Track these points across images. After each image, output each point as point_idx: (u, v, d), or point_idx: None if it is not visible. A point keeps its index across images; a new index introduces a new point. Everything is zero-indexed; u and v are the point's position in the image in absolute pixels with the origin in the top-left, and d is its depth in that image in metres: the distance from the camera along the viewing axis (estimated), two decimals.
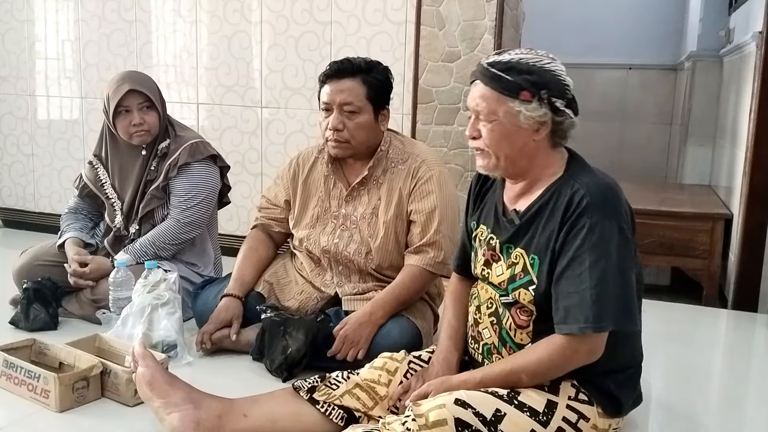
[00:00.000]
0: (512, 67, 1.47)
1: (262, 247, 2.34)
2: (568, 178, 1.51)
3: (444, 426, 1.37)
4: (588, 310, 1.40)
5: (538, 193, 1.54)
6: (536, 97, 1.45)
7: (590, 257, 1.42)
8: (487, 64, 1.50)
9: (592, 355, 1.45)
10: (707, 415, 1.95)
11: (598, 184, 1.48)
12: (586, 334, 1.42)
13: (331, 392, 1.64)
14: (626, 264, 1.45)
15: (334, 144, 2.12)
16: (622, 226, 1.44)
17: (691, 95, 4.35)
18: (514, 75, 1.46)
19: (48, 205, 3.90)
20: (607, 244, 1.42)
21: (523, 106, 1.46)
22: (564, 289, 1.45)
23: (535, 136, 1.50)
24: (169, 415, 1.57)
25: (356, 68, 2.09)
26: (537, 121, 1.47)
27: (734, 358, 2.52)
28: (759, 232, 2.87)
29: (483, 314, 1.63)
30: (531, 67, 1.47)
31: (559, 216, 1.47)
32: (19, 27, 3.80)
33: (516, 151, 1.51)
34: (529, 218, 1.53)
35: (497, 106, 1.48)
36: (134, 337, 2.04)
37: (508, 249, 1.57)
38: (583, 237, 1.43)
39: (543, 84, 1.45)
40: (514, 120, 1.47)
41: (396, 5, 3.03)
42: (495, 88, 1.47)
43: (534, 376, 1.48)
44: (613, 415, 1.53)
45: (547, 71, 1.47)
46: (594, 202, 1.43)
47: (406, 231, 2.15)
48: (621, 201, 1.48)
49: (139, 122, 2.41)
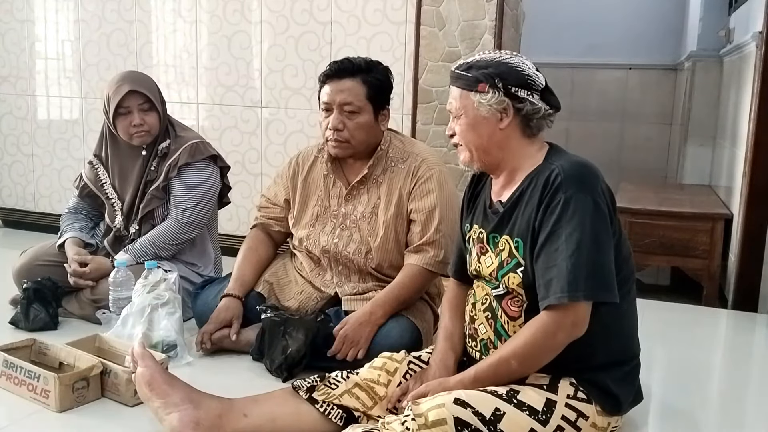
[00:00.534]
0: (472, 65, 1.60)
1: (262, 247, 2.34)
2: (546, 164, 1.56)
3: (443, 425, 1.37)
4: (564, 280, 1.43)
5: (520, 182, 1.59)
6: (492, 86, 1.55)
7: (565, 231, 1.45)
8: (455, 68, 1.64)
9: (576, 328, 1.45)
10: (707, 415, 1.95)
11: (572, 162, 1.53)
12: (565, 305, 1.43)
13: (331, 392, 1.64)
14: (602, 237, 1.47)
15: (334, 144, 2.12)
16: (597, 200, 1.47)
17: (691, 95, 4.35)
18: (473, 71, 1.58)
19: (48, 205, 3.90)
20: (582, 217, 1.45)
21: (479, 96, 1.56)
22: (542, 264, 1.48)
23: (500, 125, 1.57)
24: (169, 415, 1.57)
25: (356, 68, 2.09)
26: (496, 108, 1.56)
27: (734, 358, 2.52)
28: (759, 232, 2.87)
29: (478, 311, 1.64)
30: (488, 62, 1.58)
31: (537, 196, 1.52)
32: (19, 27, 3.80)
33: (485, 141, 1.60)
34: (512, 205, 1.58)
35: (462, 102, 1.60)
36: (134, 337, 2.05)
37: (494, 238, 1.61)
38: (559, 212, 1.47)
39: (497, 74, 1.55)
40: (476, 111, 1.58)
41: (396, 5, 3.03)
42: (459, 86, 1.61)
43: (523, 359, 1.48)
44: (612, 413, 1.54)
45: (503, 63, 1.57)
46: (568, 178, 1.48)
47: (406, 230, 2.15)
48: (596, 177, 1.52)
49: (140, 123, 2.41)
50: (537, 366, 1.51)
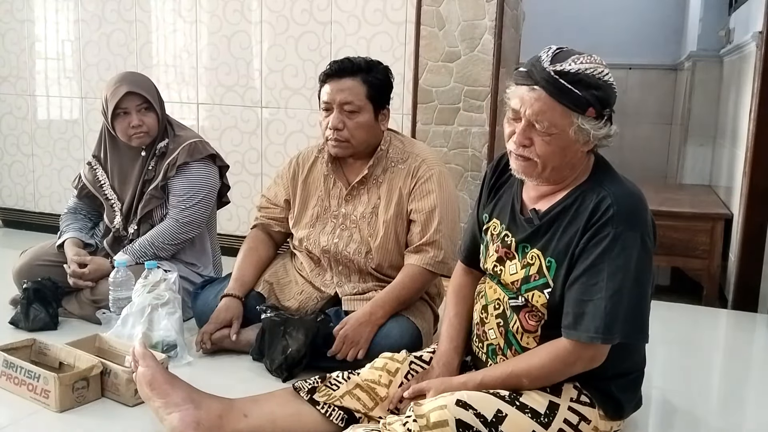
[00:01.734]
0: (581, 79, 1.39)
1: (262, 246, 2.34)
2: (594, 184, 1.49)
3: (445, 427, 1.37)
4: (600, 320, 1.39)
5: (562, 196, 1.51)
6: (598, 114, 1.41)
7: (609, 268, 1.40)
8: (555, 72, 1.39)
9: (593, 363, 1.45)
10: (707, 415, 1.95)
11: (626, 194, 1.46)
12: (592, 343, 1.41)
13: (332, 393, 1.64)
14: (644, 278, 1.43)
15: (334, 143, 2.12)
16: (645, 239, 1.42)
17: (691, 95, 4.35)
18: (583, 89, 1.39)
19: (48, 205, 3.90)
20: (628, 257, 1.40)
21: (588, 123, 1.41)
22: (577, 295, 1.43)
23: (584, 148, 1.46)
24: (170, 415, 1.57)
25: (356, 68, 2.09)
26: (594, 135, 1.42)
27: (734, 358, 2.52)
28: (759, 232, 2.87)
29: (490, 315, 1.61)
30: (596, 80, 1.40)
31: (582, 221, 1.44)
32: (19, 27, 3.80)
33: (566, 162, 1.48)
34: (550, 220, 1.51)
35: (560, 120, 1.41)
36: (134, 337, 2.04)
37: (524, 248, 1.55)
38: (606, 246, 1.40)
39: (607, 100, 1.42)
40: (575, 136, 1.42)
41: (396, 5, 3.03)
42: (562, 102, 1.39)
43: (535, 380, 1.47)
44: (614, 417, 1.53)
45: (610, 86, 1.43)
46: (620, 212, 1.41)
47: (406, 230, 2.15)
48: (647, 212, 1.46)
49: (138, 124, 2.40)
50: (546, 385, 1.49)
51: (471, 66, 2.94)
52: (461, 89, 2.97)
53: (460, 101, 2.98)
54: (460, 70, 2.96)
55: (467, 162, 3.01)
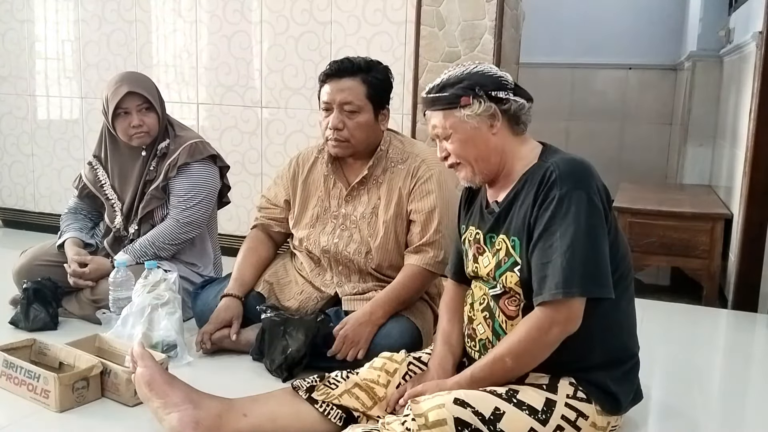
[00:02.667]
0: (444, 85, 1.59)
1: (262, 247, 2.34)
2: (540, 162, 1.57)
3: (443, 426, 1.37)
4: (558, 276, 1.43)
5: (515, 182, 1.59)
6: (474, 97, 1.55)
7: (561, 228, 1.46)
8: (425, 94, 1.63)
9: (569, 324, 1.46)
10: (707, 415, 1.95)
11: (567, 159, 1.53)
12: (558, 301, 1.44)
13: (330, 392, 1.64)
14: (597, 233, 1.47)
15: (334, 143, 2.12)
16: (591, 196, 1.47)
17: (691, 95, 4.35)
18: (449, 89, 1.57)
19: (48, 205, 3.90)
20: (576, 213, 1.45)
21: (465, 110, 1.55)
22: (537, 261, 1.48)
23: (492, 131, 1.57)
24: (169, 415, 1.57)
25: (356, 67, 2.09)
26: (485, 116, 1.56)
27: (734, 358, 2.52)
28: (759, 232, 2.87)
29: (476, 311, 1.65)
30: (459, 77, 1.58)
31: (532, 193, 1.52)
32: (19, 27, 3.80)
33: (482, 151, 1.59)
34: (507, 204, 1.59)
35: (448, 122, 1.58)
36: (134, 337, 2.05)
37: (491, 239, 1.62)
38: (554, 208, 1.47)
39: (474, 84, 1.55)
40: (466, 125, 1.57)
41: (396, 5, 3.03)
42: (438, 109, 1.59)
43: (518, 357, 1.49)
44: (611, 412, 1.54)
45: (475, 73, 1.58)
46: (563, 174, 1.48)
47: (405, 230, 2.15)
48: (591, 173, 1.51)
49: (138, 124, 2.41)
50: (532, 363, 1.51)
51: None
52: None
53: None
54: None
55: None
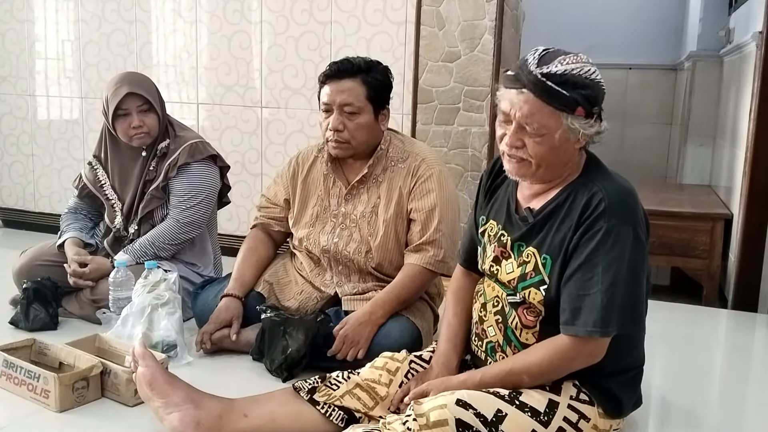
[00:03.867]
0: (567, 80, 1.40)
1: (262, 246, 2.34)
2: (586, 180, 1.50)
3: (445, 426, 1.37)
4: (597, 314, 1.40)
5: (554, 193, 1.53)
6: (588, 112, 1.42)
7: (603, 262, 1.41)
8: (541, 75, 1.40)
9: (593, 358, 1.45)
10: (707, 415, 1.95)
11: (617, 188, 1.47)
12: (591, 337, 1.42)
13: (332, 392, 1.64)
14: (638, 270, 1.44)
15: (334, 144, 2.12)
16: (638, 232, 1.44)
17: (691, 95, 4.35)
18: (570, 90, 1.40)
19: (48, 205, 3.90)
20: (621, 250, 1.41)
21: (577, 122, 1.42)
22: (573, 291, 1.44)
23: (576, 145, 1.48)
24: (170, 415, 1.57)
25: (356, 68, 2.09)
26: (584, 134, 1.44)
27: (734, 358, 2.52)
28: (759, 232, 2.87)
29: (488, 312, 1.62)
30: (585, 80, 1.42)
31: (575, 217, 1.46)
32: (19, 27, 3.80)
33: (560, 160, 1.49)
34: (544, 217, 1.52)
35: (550, 121, 1.42)
36: (134, 337, 2.04)
37: (519, 247, 1.56)
38: (599, 240, 1.42)
39: (596, 99, 1.43)
40: (565, 135, 1.44)
41: (396, 5, 3.03)
42: (550, 103, 1.41)
43: (535, 377, 1.48)
44: (613, 415, 1.54)
45: (598, 84, 1.44)
46: (612, 206, 1.43)
47: (406, 230, 2.15)
48: (638, 206, 1.48)
49: (139, 125, 2.40)
50: (546, 383, 1.50)
51: (471, 66, 2.95)
52: (461, 89, 2.97)
53: (460, 101, 2.98)
54: (460, 70, 2.96)
55: (467, 162, 3.01)
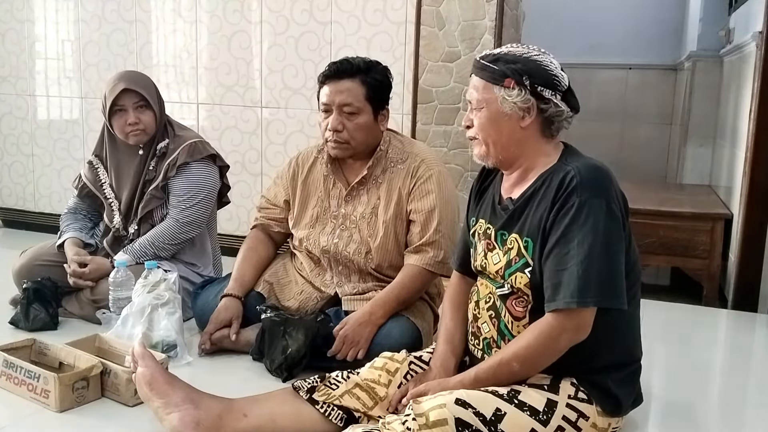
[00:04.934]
0: (499, 58, 1.55)
1: (262, 247, 2.34)
2: (560, 164, 1.55)
3: (444, 426, 1.37)
4: (573, 285, 1.42)
5: (532, 180, 1.57)
6: (519, 83, 1.51)
7: (578, 235, 1.44)
8: (480, 57, 1.59)
9: (579, 332, 1.45)
10: (707, 415, 1.95)
11: (588, 165, 1.51)
12: (571, 309, 1.43)
13: (331, 392, 1.64)
14: (613, 241, 1.46)
15: (333, 145, 2.12)
16: (611, 205, 1.46)
17: (691, 95, 4.35)
18: (500, 65, 1.53)
19: (48, 205, 3.90)
20: (595, 222, 1.44)
21: (505, 91, 1.52)
22: (552, 267, 1.47)
23: (521, 123, 1.54)
24: (169, 415, 1.57)
25: (355, 69, 2.09)
26: (520, 107, 1.52)
27: (734, 358, 2.52)
28: (759, 232, 2.87)
29: (482, 309, 1.64)
30: (516, 57, 1.54)
31: (550, 197, 1.50)
32: (19, 27, 3.80)
33: (504, 137, 1.56)
34: (523, 203, 1.57)
35: (485, 94, 1.55)
36: (134, 337, 2.04)
37: (502, 236, 1.60)
38: (572, 215, 1.45)
39: (525, 71, 1.51)
40: (498, 106, 1.54)
41: (396, 5, 3.03)
42: (483, 77, 1.56)
43: (525, 362, 1.48)
44: (612, 414, 1.54)
45: (532, 61, 1.53)
46: (583, 181, 1.46)
47: (405, 230, 2.15)
48: (611, 181, 1.50)
49: (135, 121, 2.41)
50: (539, 368, 1.51)
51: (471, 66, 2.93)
52: (461, 89, 2.97)
53: (460, 101, 2.98)
54: (460, 70, 2.96)
55: (467, 162, 3.01)
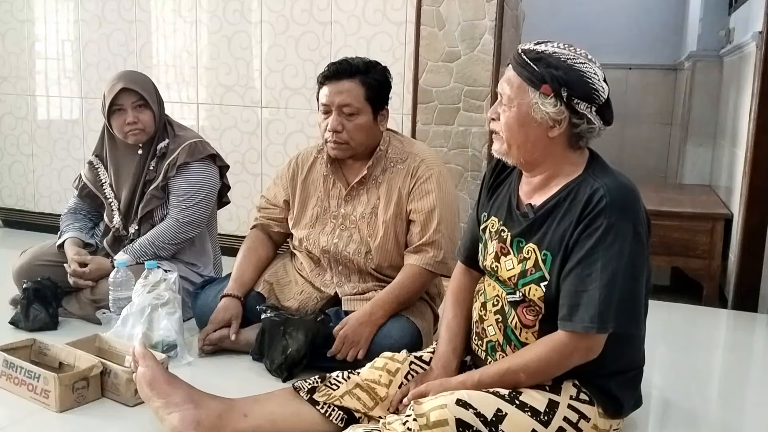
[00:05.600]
0: (542, 58, 1.45)
1: (262, 247, 2.34)
2: (587, 177, 1.50)
3: (445, 426, 1.37)
4: (594, 309, 1.40)
5: (556, 190, 1.52)
6: (556, 94, 1.43)
7: (603, 258, 1.41)
8: (522, 50, 1.48)
9: (590, 354, 1.45)
10: (707, 415, 1.95)
11: (618, 185, 1.46)
12: (588, 333, 1.42)
13: (332, 392, 1.64)
14: (638, 268, 1.44)
15: (333, 145, 2.12)
16: (638, 230, 1.43)
17: (691, 95, 4.35)
18: (541, 66, 1.44)
19: (48, 205, 3.90)
20: (621, 246, 1.41)
21: (540, 97, 1.44)
22: (572, 286, 1.44)
23: (549, 133, 1.48)
24: (170, 415, 1.57)
25: (354, 69, 2.09)
26: (552, 117, 1.45)
27: (734, 358, 2.52)
28: (759, 232, 2.87)
29: (488, 311, 1.62)
30: (560, 62, 1.44)
31: (576, 213, 1.45)
32: (19, 27, 3.80)
33: (529, 143, 1.50)
34: (544, 213, 1.52)
35: (518, 93, 1.47)
36: (134, 337, 2.04)
37: (519, 243, 1.56)
38: (599, 237, 1.41)
39: (566, 81, 1.43)
40: (529, 110, 1.46)
41: (396, 5, 3.03)
42: (520, 75, 1.47)
43: (533, 375, 1.48)
44: (613, 415, 1.53)
45: (576, 70, 1.44)
46: (613, 203, 1.42)
47: (405, 230, 2.14)
48: (639, 204, 1.47)
49: (133, 121, 2.41)
50: (544, 381, 1.50)
51: (471, 66, 2.95)
52: (461, 89, 2.97)
53: (460, 101, 2.98)
54: (460, 70, 2.96)
55: (467, 162, 3.01)
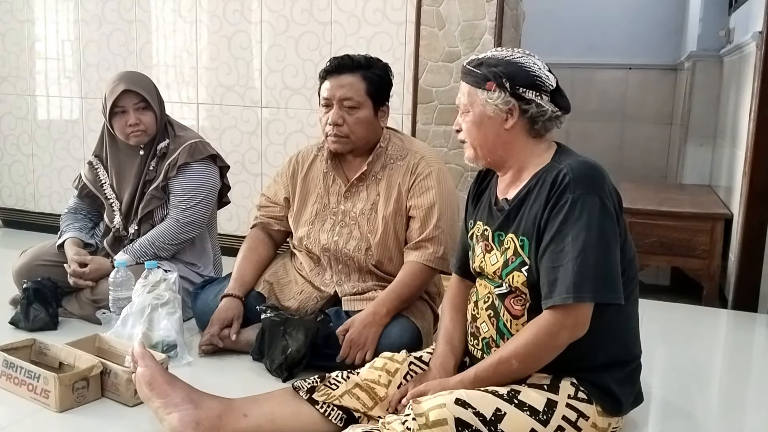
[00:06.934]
0: (483, 62, 1.59)
1: (262, 246, 2.34)
2: (553, 163, 1.56)
3: (444, 426, 1.37)
4: (569, 280, 1.42)
5: (527, 180, 1.58)
6: (500, 86, 1.54)
7: (572, 231, 1.44)
8: (466, 63, 1.63)
9: (577, 329, 1.45)
10: (707, 415, 1.95)
11: (580, 162, 1.52)
12: (568, 305, 1.43)
13: (331, 392, 1.64)
14: (608, 237, 1.46)
15: (333, 139, 2.12)
16: (604, 201, 1.47)
17: (691, 95, 4.35)
18: (483, 68, 1.57)
19: (48, 205, 3.90)
20: (588, 218, 1.44)
21: (487, 94, 1.56)
22: (548, 264, 1.47)
23: (505, 125, 1.57)
24: (169, 415, 1.57)
25: (356, 64, 2.10)
26: (501, 109, 1.55)
27: (734, 358, 2.52)
28: (759, 232, 2.87)
29: (481, 309, 1.64)
30: (498, 60, 1.57)
31: (544, 195, 1.51)
32: (19, 27, 3.80)
33: (489, 140, 1.60)
34: (518, 203, 1.58)
35: (470, 99, 1.60)
36: (134, 337, 2.04)
37: (499, 236, 1.61)
38: (566, 212, 1.46)
39: (506, 73, 1.54)
40: (482, 109, 1.58)
41: (396, 5, 3.03)
42: (468, 82, 1.61)
43: (524, 359, 1.48)
44: (612, 413, 1.54)
45: (513, 63, 1.56)
46: (576, 178, 1.47)
47: (405, 227, 2.15)
48: (604, 177, 1.51)
49: (135, 122, 2.41)
50: (538, 366, 1.51)
51: None
52: None
53: None
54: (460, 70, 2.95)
55: None
